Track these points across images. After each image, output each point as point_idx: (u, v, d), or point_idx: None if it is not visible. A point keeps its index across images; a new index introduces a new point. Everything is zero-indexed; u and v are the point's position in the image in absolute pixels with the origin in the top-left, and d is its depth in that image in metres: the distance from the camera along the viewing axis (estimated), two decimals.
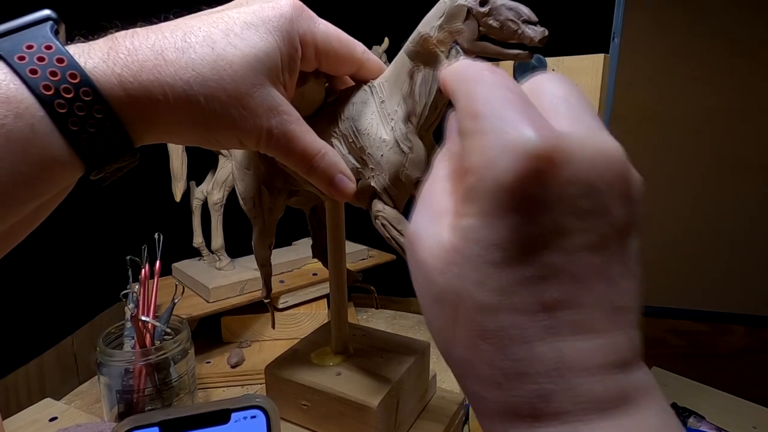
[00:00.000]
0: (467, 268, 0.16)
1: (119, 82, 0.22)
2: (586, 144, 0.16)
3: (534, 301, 0.15)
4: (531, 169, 0.15)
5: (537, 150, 0.15)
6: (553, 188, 0.15)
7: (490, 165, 0.15)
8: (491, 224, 0.15)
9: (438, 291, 0.17)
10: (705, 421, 0.50)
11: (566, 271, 0.15)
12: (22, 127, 0.20)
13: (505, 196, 0.15)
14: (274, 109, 0.26)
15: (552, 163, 0.15)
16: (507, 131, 0.15)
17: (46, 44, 0.21)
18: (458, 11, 0.28)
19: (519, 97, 0.16)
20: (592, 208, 0.15)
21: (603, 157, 0.16)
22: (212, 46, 0.24)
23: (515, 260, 0.15)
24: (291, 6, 0.27)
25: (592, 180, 0.15)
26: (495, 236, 0.15)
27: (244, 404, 0.30)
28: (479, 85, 0.17)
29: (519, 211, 0.15)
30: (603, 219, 0.16)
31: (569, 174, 0.15)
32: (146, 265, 0.53)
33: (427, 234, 0.18)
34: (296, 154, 0.28)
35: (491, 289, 0.16)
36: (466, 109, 0.17)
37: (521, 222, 0.15)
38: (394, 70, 0.32)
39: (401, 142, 0.31)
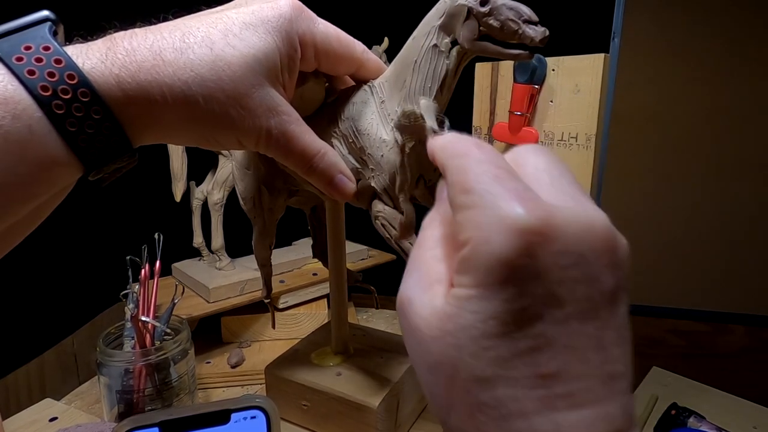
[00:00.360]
0: (463, 339, 0.16)
1: (117, 82, 0.22)
2: (574, 216, 0.16)
3: (530, 374, 0.16)
4: (524, 243, 0.15)
5: (529, 226, 0.15)
6: (545, 260, 0.15)
7: (484, 239, 0.16)
8: (487, 296, 0.16)
9: (433, 360, 0.17)
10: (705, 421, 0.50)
11: (560, 342, 0.16)
12: (20, 128, 0.20)
13: (500, 269, 0.15)
14: (273, 110, 0.26)
15: (543, 237, 0.15)
16: (499, 207, 0.16)
17: (44, 45, 0.21)
18: (459, 11, 0.28)
19: (507, 173, 0.17)
20: (582, 277, 0.16)
21: (590, 228, 0.16)
22: (211, 46, 0.24)
23: (511, 332, 0.16)
24: (290, 6, 0.27)
25: (581, 251, 0.16)
26: (491, 308, 0.16)
27: (244, 404, 0.30)
28: (469, 160, 0.18)
29: (514, 283, 0.15)
30: (593, 287, 0.16)
31: (559, 246, 0.16)
32: (146, 265, 0.53)
33: (420, 301, 0.18)
34: (296, 154, 0.28)
35: (488, 361, 0.16)
36: (457, 183, 0.18)
37: (516, 294, 0.15)
38: (395, 69, 0.32)
39: (401, 142, 0.31)
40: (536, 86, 0.52)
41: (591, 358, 0.16)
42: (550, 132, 0.52)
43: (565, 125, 0.52)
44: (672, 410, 0.51)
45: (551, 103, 0.52)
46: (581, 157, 0.51)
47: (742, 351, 1.02)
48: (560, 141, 0.52)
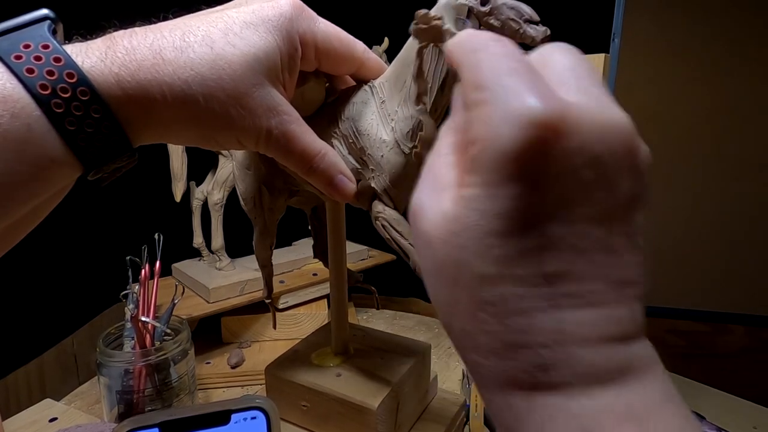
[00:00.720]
0: (468, 239, 0.16)
1: (117, 81, 0.22)
2: (592, 114, 0.15)
3: (535, 272, 0.15)
4: (535, 138, 0.14)
5: (541, 119, 0.14)
6: (557, 158, 0.15)
7: (493, 135, 0.15)
8: (494, 194, 0.15)
9: (439, 261, 0.17)
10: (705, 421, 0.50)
11: (569, 243, 0.15)
12: (19, 126, 0.20)
13: (508, 165, 0.15)
14: (273, 109, 0.26)
15: (557, 132, 0.15)
16: (511, 101, 0.15)
17: (44, 43, 0.21)
18: (459, 10, 0.28)
19: (525, 66, 0.16)
20: (597, 179, 0.15)
21: (610, 128, 0.15)
22: (211, 45, 0.24)
23: (517, 231, 0.15)
24: (291, 5, 0.27)
25: (598, 151, 0.15)
26: (497, 206, 0.15)
27: (244, 405, 0.31)
28: (484, 54, 0.17)
29: (522, 181, 0.15)
30: (608, 191, 0.15)
31: (574, 144, 0.15)
32: (146, 265, 0.53)
33: (429, 205, 0.18)
34: (296, 154, 0.28)
35: (492, 260, 0.16)
36: (470, 79, 0.17)
37: (524, 192, 0.15)
38: (395, 69, 0.32)
39: (401, 143, 0.31)
40: None
41: (600, 260, 0.15)
42: None
43: None
44: None
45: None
46: None
47: (742, 351, 1.02)
48: None
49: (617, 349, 0.15)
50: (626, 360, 0.16)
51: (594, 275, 0.15)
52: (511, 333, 0.16)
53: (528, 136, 0.14)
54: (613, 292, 0.16)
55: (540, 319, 0.15)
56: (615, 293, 0.16)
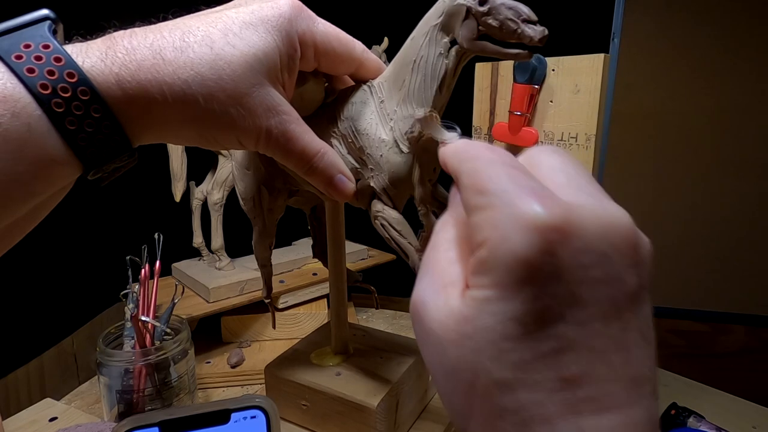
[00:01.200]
0: (482, 342, 0.16)
1: (117, 81, 0.22)
2: (594, 214, 0.16)
3: (553, 377, 0.15)
4: (543, 241, 0.15)
5: (548, 223, 0.15)
6: (565, 259, 0.15)
7: (502, 239, 0.15)
8: (507, 297, 0.15)
9: (451, 365, 0.17)
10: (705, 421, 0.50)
11: (583, 344, 0.15)
12: (19, 126, 0.20)
13: (519, 268, 0.15)
14: (273, 109, 0.26)
15: (564, 234, 0.15)
16: (516, 205, 0.15)
17: (44, 43, 0.21)
18: (457, 10, 0.28)
19: (521, 171, 0.17)
20: (605, 277, 0.15)
21: (612, 226, 0.16)
22: (211, 45, 0.24)
23: (532, 334, 0.15)
24: (290, 6, 0.27)
25: (603, 249, 0.15)
26: (510, 309, 0.15)
27: (244, 404, 0.30)
28: (481, 162, 0.18)
29: (534, 283, 0.15)
30: (615, 287, 0.16)
31: (580, 244, 0.15)
32: (146, 265, 0.53)
33: (434, 303, 0.18)
34: (295, 154, 0.28)
35: (509, 365, 0.15)
36: (471, 185, 0.17)
37: (536, 294, 0.15)
38: (394, 69, 0.32)
39: (400, 142, 0.31)
40: (536, 86, 0.52)
41: (614, 360, 0.15)
42: (550, 132, 0.52)
43: (564, 125, 0.52)
44: (672, 410, 0.51)
45: (551, 103, 0.52)
46: (581, 157, 0.51)
47: (742, 351, 1.02)
48: (560, 141, 0.52)
49: None
50: None
51: (610, 377, 0.15)
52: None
53: (537, 240, 0.15)
54: (629, 392, 0.15)
55: (560, 427, 0.15)
56: (631, 393, 0.16)
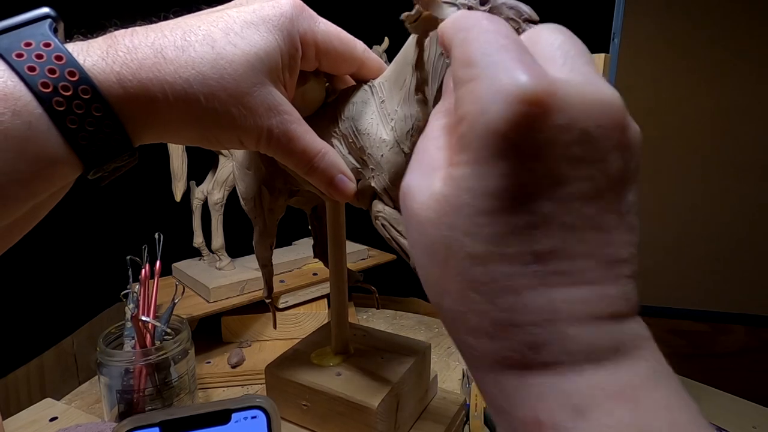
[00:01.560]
0: (458, 218, 0.16)
1: (118, 80, 0.22)
2: (581, 90, 0.15)
3: (525, 251, 0.15)
4: (523, 113, 0.14)
5: (530, 94, 0.14)
6: (546, 134, 0.15)
7: (481, 111, 0.15)
8: (483, 172, 0.15)
9: (430, 241, 0.17)
10: None
11: (559, 221, 0.15)
12: (20, 124, 0.20)
13: (496, 142, 0.15)
14: (274, 109, 0.26)
15: (545, 107, 0.14)
16: (500, 77, 0.15)
17: (45, 42, 0.21)
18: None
19: (514, 43, 0.16)
20: (587, 156, 0.15)
21: (599, 105, 0.15)
22: (212, 44, 0.24)
23: (507, 208, 0.15)
24: (291, 5, 0.27)
25: (587, 127, 0.15)
26: (487, 184, 0.15)
27: (244, 404, 0.31)
28: (475, 32, 0.17)
29: (511, 157, 0.15)
30: (598, 168, 0.15)
31: (563, 120, 0.15)
32: (146, 265, 0.53)
33: (418, 187, 0.18)
34: (296, 153, 0.28)
35: (482, 239, 0.15)
36: (460, 57, 0.17)
37: (513, 169, 0.15)
38: (395, 68, 0.32)
39: (401, 142, 0.31)
40: None
41: (590, 238, 0.15)
42: None
43: None
44: None
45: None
46: None
47: (742, 351, 1.02)
48: None
49: (608, 328, 0.15)
50: (617, 338, 0.16)
51: (585, 253, 0.15)
52: (501, 312, 0.16)
53: (516, 112, 0.14)
54: (604, 270, 0.16)
55: (530, 298, 0.15)
56: (606, 271, 0.16)
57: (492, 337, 0.16)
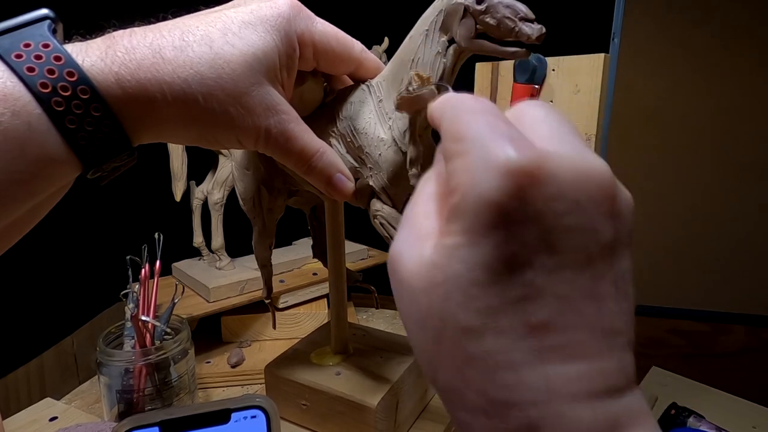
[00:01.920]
0: (451, 289, 0.16)
1: (117, 80, 0.22)
2: (570, 161, 0.15)
3: (520, 324, 0.15)
4: (515, 185, 0.15)
5: (520, 166, 0.15)
6: (536, 205, 0.15)
7: (473, 183, 0.15)
8: (475, 242, 0.15)
9: (421, 313, 0.17)
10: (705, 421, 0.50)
11: (552, 292, 0.15)
12: (19, 125, 0.20)
13: (488, 213, 0.15)
14: (272, 108, 0.26)
15: (536, 178, 0.15)
16: (491, 151, 0.15)
17: (44, 42, 0.21)
18: (455, 9, 0.28)
19: (501, 120, 0.17)
20: (578, 225, 0.15)
21: (588, 174, 0.15)
22: (210, 44, 0.24)
23: (500, 280, 0.15)
24: (289, 5, 0.27)
25: (577, 197, 0.15)
26: (479, 255, 0.15)
27: (244, 404, 0.30)
28: (463, 110, 0.17)
29: (502, 228, 0.15)
30: (590, 237, 0.15)
31: (554, 190, 0.15)
32: (146, 264, 0.53)
33: (408, 255, 0.18)
34: (294, 153, 0.28)
35: (476, 311, 0.15)
36: (450, 132, 0.17)
37: (505, 239, 0.15)
38: (393, 68, 0.32)
39: (399, 141, 0.31)
40: (536, 86, 0.52)
41: (585, 310, 0.15)
42: None
43: None
44: (671, 410, 0.51)
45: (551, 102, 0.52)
46: None
47: (742, 351, 1.02)
48: None
49: (606, 405, 0.15)
50: (615, 415, 0.15)
51: (579, 325, 0.15)
52: (497, 390, 0.15)
53: (506, 183, 0.15)
54: (600, 342, 0.15)
55: (527, 375, 0.15)
56: (601, 343, 0.15)
57: (489, 417, 0.16)
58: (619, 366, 0.16)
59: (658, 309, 1.05)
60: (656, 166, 1.02)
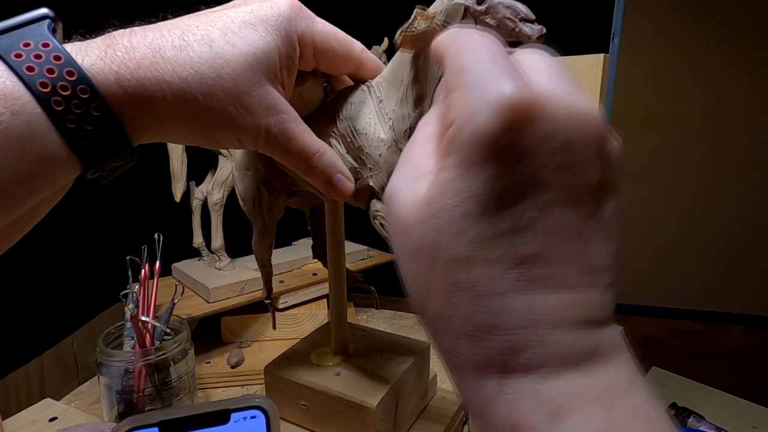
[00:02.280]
0: (444, 220, 0.16)
1: (117, 79, 0.22)
2: (565, 102, 0.16)
3: (509, 254, 0.16)
4: (510, 120, 0.15)
5: (516, 102, 0.15)
6: (530, 141, 0.15)
7: (470, 116, 0.16)
8: (469, 175, 0.16)
9: (415, 244, 0.18)
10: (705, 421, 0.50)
11: (541, 226, 0.16)
12: (19, 124, 0.20)
13: (482, 146, 0.15)
14: (272, 108, 0.26)
15: (530, 115, 0.15)
16: (489, 85, 0.16)
17: (44, 42, 0.21)
18: (455, 9, 0.28)
19: (503, 56, 0.17)
20: (569, 164, 0.16)
21: (581, 117, 0.16)
22: (210, 44, 0.24)
23: (491, 212, 0.16)
24: (289, 5, 0.27)
25: (569, 136, 0.16)
26: (472, 187, 0.16)
27: (243, 404, 0.30)
28: (467, 44, 0.18)
29: (496, 162, 0.15)
30: (579, 176, 0.16)
31: (547, 128, 0.15)
32: (146, 265, 0.53)
33: (404, 191, 0.18)
34: (294, 153, 0.28)
35: (467, 242, 0.16)
36: (452, 66, 0.18)
37: (498, 173, 0.15)
38: (393, 68, 0.32)
39: (399, 142, 0.31)
40: None
41: (571, 245, 0.16)
42: None
43: None
44: (672, 410, 0.51)
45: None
46: None
47: (742, 351, 1.02)
48: None
49: (586, 333, 0.16)
50: (594, 344, 0.16)
51: (565, 259, 0.16)
52: (483, 315, 0.16)
53: (503, 119, 0.15)
54: (583, 276, 0.16)
55: (512, 302, 0.16)
56: (585, 278, 0.16)
57: (474, 341, 0.16)
58: (601, 300, 0.16)
59: (658, 309, 1.05)
60: (656, 165, 1.02)
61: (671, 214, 1.03)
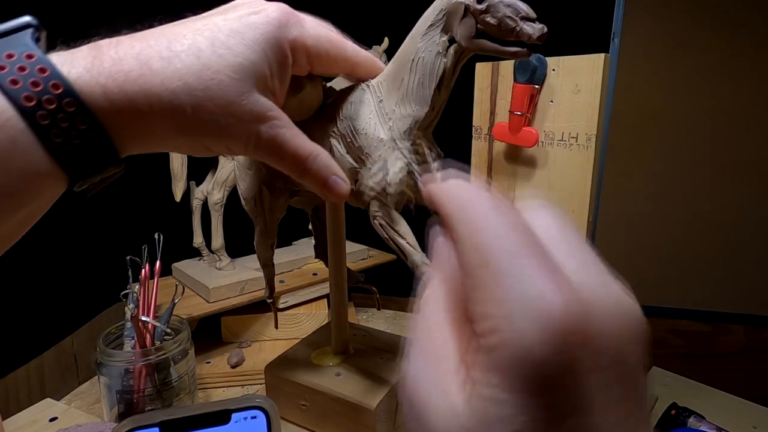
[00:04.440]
0: None
1: (104, 92, 0.22)
2: (608, 307, 0.15)
3: None
4: (564, 347, 0.14)
5: (569, 325, 0.14)
6: (583, 363, 0.14)
7: (517, 336, 0.14)
8: (520, 403, 0.14)
9: None
10: (705, 421, 0.50)
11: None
12: (3, 139, 0.20)
13: (537, 373, 0.14)
14: (262, 115, 0.26)
15: (584, 338, 0.14)
16: (530, 292, 0.14)
17: (28, 53, 0.21)
18: (456, 9, 0.28)
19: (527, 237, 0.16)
20: (619, 377, 0.15)
21: (628, 322, 0.15)
22: (198, 55, 0.23)
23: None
24: (279, 12, 0.26)
25: (620, 349, 0.15)
26: (524, 417, 0.14)
27: (244, 404, 0.30)
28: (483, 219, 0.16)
29: (551, 391, 0.14)
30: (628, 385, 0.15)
31: (598, 346, 0.14)
32: (146, 265, 0.53)
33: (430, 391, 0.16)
34: (287, 157, 0.28)
35: None
36: (471, 249, 0.16)
37: (553, 402, 0.14)
38: (393, 68, 0.32)
39: (399, 141, 0.31)
40: (536, 86, 0.52)
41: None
42: (550, 132, 0.52)
43: (565, 125, 0.52)
44: (672, 410, 0.51)
45: (551, 103, 0.52)
46: (581, 157, 0.51)
47: (742, 351, 1.02)
48: (560, 141, 0.52)
49: None
50: None
51: None
52: None
53: (557, 346, 0.14)
54: None
55: None
56: None
57: None
58: None
59: (658, 309, 1.05)
60: (656, 165, 1.02)
61: (671, 214, 1.03)
